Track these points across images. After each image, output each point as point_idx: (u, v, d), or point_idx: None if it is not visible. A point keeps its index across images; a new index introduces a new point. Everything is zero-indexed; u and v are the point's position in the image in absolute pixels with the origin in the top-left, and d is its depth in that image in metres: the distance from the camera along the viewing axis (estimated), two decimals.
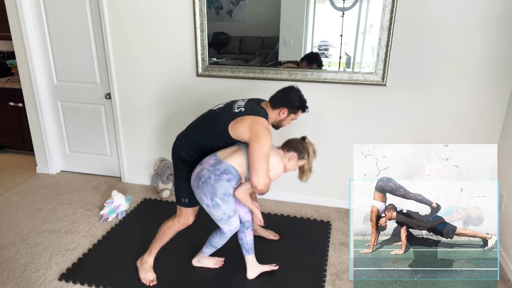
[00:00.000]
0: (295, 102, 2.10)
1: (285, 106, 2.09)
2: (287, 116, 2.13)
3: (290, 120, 2.16)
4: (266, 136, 1.92)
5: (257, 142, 1.91)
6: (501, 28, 2.45)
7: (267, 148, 1.92)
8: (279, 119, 2.14)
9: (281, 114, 2.11)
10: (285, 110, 2.10)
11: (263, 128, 1.95)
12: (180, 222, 2.20)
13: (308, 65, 2.84)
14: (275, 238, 2.69)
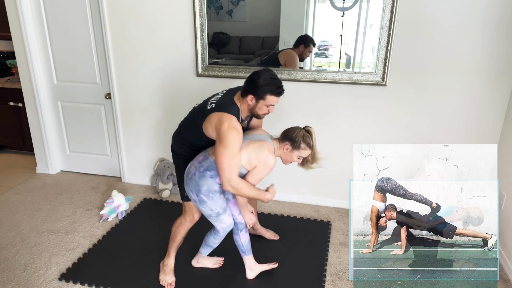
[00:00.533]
0: (262, 86, 1.90)
1: (250, 93, 1.94)
2: (257, 103, 1.95)
3: (265, 107, 1.97)
4: (230, 136, 1.86)
5: (221, 143, 1.88)
6: (501, 28, 2.45)
7: (232, 147, 1.87)
8: (251, 107, 1.98)
9: (250, 101, 1.96)
10: (251, 97, 1.94)
11: (227, 127, 1.87)
12: (186, 219, 2.21)
13: (305, 47, 2.82)
14: (275, 238, 2.69)
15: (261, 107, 1.97)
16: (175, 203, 3.17)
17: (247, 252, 2.27)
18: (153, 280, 2.28)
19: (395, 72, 2.70)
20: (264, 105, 1.96)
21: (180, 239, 2.26)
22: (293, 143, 2.02)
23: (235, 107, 1.98)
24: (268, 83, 1.91)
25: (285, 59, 2.89)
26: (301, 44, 2.81)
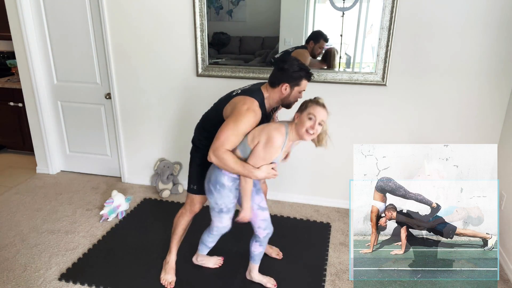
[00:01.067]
0: (294, 73, 1.91)
1: (284, 81, 1.93)
2: (291, 90, 1.95)
3: (298, 93, 1.98)
4: (245, 116, 1.83)
5: (232, 117, 1.85)
6: (501, 28, 2.45)
7: (241, 125, 1.82)
8: (284, 96, 1.97)
9: (284, 90, 1.94)
10: (286, 85, 1.93)
11: (247, 108, 1.86)
12: (187, 209, 2.21)
13: (315, 43, 2.80)
14: (278, 257, 2.52)
15: (295, 94, 1.97)
16: (175, 203, 3.17)
17: (255, 261, 2.24)
18: (153, 280, 2.28)
19: (395, 72, 2.70)
20: (298, 91, 1.97)
21: (181, 232, 2.26)
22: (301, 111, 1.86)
23: (260, 94, 1.97)
24: (300, 69, 1.93)
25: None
26: (311, 40, 2.79)
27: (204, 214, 2.33)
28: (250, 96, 1.93)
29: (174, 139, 3.31)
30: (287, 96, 1.97)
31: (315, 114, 1.82)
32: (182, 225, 2.25)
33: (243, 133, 1.86)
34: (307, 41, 2.80)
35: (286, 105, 2.04)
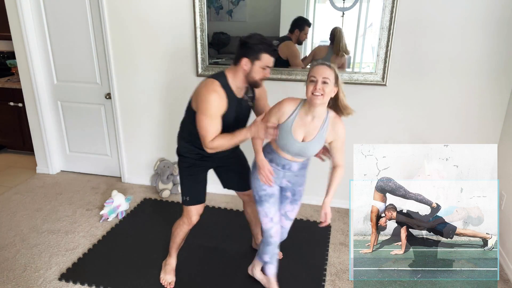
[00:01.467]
0: (253, 45, 1.85)
1: (243, 55, 1.88)
2: (252, 66, 1.87)
3: (261, 70, 1.89)
4: (208, 99, 1.83)
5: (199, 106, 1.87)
6: (501, 28, 2.45)
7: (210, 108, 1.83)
8: (246, 73, 1.90)
9: (244, 65, 1.88)
10: (245, 60, 1.87)
11: (206, 90, 1.85)
12: (184, 221, 2.19)
13: (300, 31, 2.78)
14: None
15: (257, 70, 1.89)
16: (175, 203, 3.17)
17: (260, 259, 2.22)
18: (153, 280, 2.28)
19: (395, 72, 2.70)
20: (260, 67, 1.88)
21: (180, 241, 2.25)
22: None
23: (222, 76, 1.93)
24: (261, 42, 1.86)
25: (285, 54, 2.87)
26: (295, 28, 2.79)
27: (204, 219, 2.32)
28: (210, 78, 1.92)
29: (174, 139, 3.28)
30: (249, 72, 1.89)
31: (314, 75, 1.72)
32: (180, 236, 2.23)
33: (217, 115, 1.86)
34: (291, 30, 2.79)
35: (253, 84, 1.96)
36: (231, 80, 1.94)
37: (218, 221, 2.90)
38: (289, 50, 2.86)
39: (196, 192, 2.17)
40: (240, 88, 1.98)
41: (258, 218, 2.36)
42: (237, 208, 3.12)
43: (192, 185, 2.14)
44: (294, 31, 2.79)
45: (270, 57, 1.89)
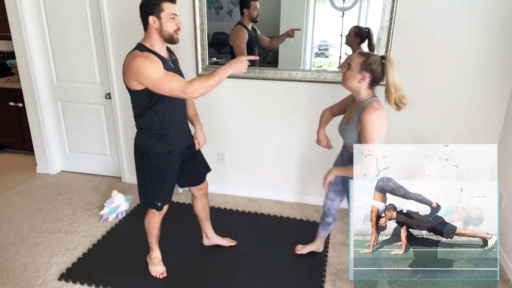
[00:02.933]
0: (150, 1, 1.86)
1: (147, 15, 1.88)
2: (160, 20, 1.87)
3: (170, 20, 1.88)
4: (137, 63, 1.79)
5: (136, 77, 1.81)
6: (501, 28, 2.45)
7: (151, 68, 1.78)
8: (160, 30, 1.89)
9: (153, 23, 1.88)
10: (152, 18, 1.87)
11: (131, 60, 1.81)
12: (155, 214, 2.19)
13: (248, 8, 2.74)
14: (233, 243, 2.60)
15: (166, 22, 1.88)
16: (175, 203, 3.17)
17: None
18: (153, 280, 2.28)
19: None
20: (167, 17, 1.87)
21: (157, 232, 2.27)
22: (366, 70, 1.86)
23: (140, 46, 1.93)
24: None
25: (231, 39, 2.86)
26: (243, 8, 2.75)
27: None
28: (128, 53, 1.90)
29: None
30: (160, 27, 1.88)
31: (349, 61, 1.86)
32: (156, 228, 2.25)
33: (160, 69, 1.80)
34: (241, 13, 2.78)
35: (169, 39, 1.94)
36: (149, 45, 1.92)
37: (218, 221, 2.90)
38: (232, 35, 2.82)
39: (169, 195, 2.17)
40: (161, 49, 1.96)
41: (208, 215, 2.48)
42: (236, 208, 3.12)
43: (164, 187, 2.11)
44: (243, 12, 2.76)
45: (170, 3, 1.88)
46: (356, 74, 1.82)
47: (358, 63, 1.81)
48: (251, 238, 2.66)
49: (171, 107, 2.00)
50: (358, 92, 1.88)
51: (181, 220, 2.90)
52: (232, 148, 3.20)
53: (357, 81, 1.83)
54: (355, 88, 1.87)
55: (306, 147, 3.06)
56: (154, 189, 2.09)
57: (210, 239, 2.57)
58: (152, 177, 2.07)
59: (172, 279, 2.29)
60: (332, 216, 2.37)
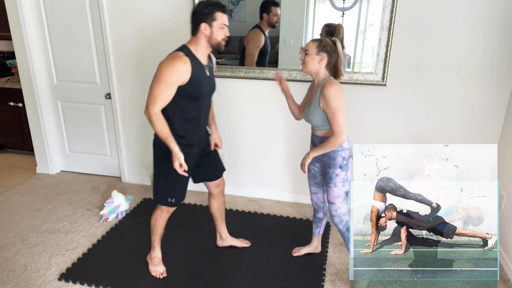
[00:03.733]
0: (204, 9, 1.94)
1: (199, 22, 1.95)
2: (211, 28, 1.96)
3: (220, 30, 1.99)
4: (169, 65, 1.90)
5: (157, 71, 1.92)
6: (501, 28, 2.45)
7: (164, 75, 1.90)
8: (209, 37, 1.98)
9: (204, 30, 1.96)
10: (203, 25, 1.95)
11: (168, 58, 1.93)
12: (164, 211, 2.21)
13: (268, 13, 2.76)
14: (247, 245, 2.61)
15: (217, 31, 1.98)
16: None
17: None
18: (153, 280, 2.28)
19: (395, 72, 2.70)
20: (219, 26, 1.98)
21: (162, 230, 2.28)
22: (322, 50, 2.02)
23: (184, 48, 2.01)
24: (210, 4, 1.97)
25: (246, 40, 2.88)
26: (263, 13, 2.77)
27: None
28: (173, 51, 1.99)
29: None
30: (210, 35, 1.98)
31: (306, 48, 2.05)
32: (162, 226, 2.26)
33: (171, 83, 1.91)
34: (260, 17, 2.79)
35: (216, 46, 2.03)
36: (194, 49, 2.00)
37: None
38: (247, 37, 2.83)
39: (183, 193, 2.20)
40: (204, 55, 2.05)
41: (223, 215, 2.49)
42: (236, 208, 3.12)
43: (179, 185, 2.15)
44: (263, 16, 2.78)
45: (223, 14, 1.99)
46: (315, 56, 2.00)
47: (315, 46, 2.00)
48: (251, 238, 2.66)
49: (197, 112, 2.08)
50: (317, 73, 2.05)
51: (182, 220, 2.90)
52: (232, 148, 3.20)
53: (316, 62, 2.01)
54: (315, 70, 2.03)
55: (306, 147, 3.06)
56: (168, 186, 2.13)
57: (224, 240, 2.57)
58: (169, 174, 2.09)
59: (172, 279, 2.29)
60: (321, 211, 2.37)
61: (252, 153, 3.18)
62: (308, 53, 2.02)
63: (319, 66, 2.02)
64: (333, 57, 2.02)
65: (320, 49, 1.99)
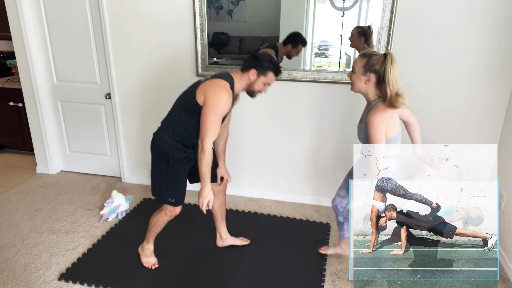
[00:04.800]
0: (264, 62, 2.05)
1: (253, 67, 2.06)
2: (257, 78, 2.07)
3: (263, 84, 2.09)
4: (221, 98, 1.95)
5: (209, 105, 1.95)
6: (501, 27, 2.45)
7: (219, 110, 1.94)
8: (250, 82, 2.08)
9: (251, 76, 2.06)
10: (253, 71, 2.05)
11: (220, 90, 1.97)
12: (167, 214, 2.25)
13: (293, 47, 2.78)
14: (246, 243, 2.62)
15: (260, 83, 2.08)
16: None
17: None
18: (153, 280, 2.28)
19: None
20: (263, 82, 2.08)
21: (159, 230, 2.34)
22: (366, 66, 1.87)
23: (230, 78, 2.08)
24: (271, 62, 2.07)
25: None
26: (289, 43, 2.78)
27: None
28: (221, 79, 2.04)
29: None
30: (252, 82, 2.08)
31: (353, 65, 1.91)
32: (161, 226, 2.32)
33: (222, 115, 1.99)
34: (285, 43, 2.79)
35: (250, 93, 2.15)
36: (236, 82, 2.09)
37: None
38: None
39: (183, 193, 2.24)
40: (238, 91, 2.15)
41: (224, 214, 2.51)
42: (236, 208, 3.12)
43: (179, 185, 2.19)
44: (287, 45, 2.78)
45: (274, 76, 2.10)
46: (361, 76, 1.86)
47: (361, 65, 1.84)
48: (251, 238, 2.65)
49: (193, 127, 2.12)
50: (366, 93, 1.93)
51: (182, 220, 2.90)
52: (231, 148, 3.20)
53: (363, 83, 1.87)
54: (363, 90, 1.91)
55: (306, 147, 3.06)
56: (168, 186, 2.18)
57: (224, 239, 2.58)
58: (169, 175, 2.15)
59: (172, 278, 2.29)
60: (341, 215, 2.35)
61: (252, 153, 3.18)
62: (355, 71, 1.87)
63: (366, 86, 1.88)
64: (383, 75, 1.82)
65: (367, 68, 1.83)
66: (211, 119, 1.95)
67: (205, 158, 1.99)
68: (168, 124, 2.15)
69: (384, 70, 1.81)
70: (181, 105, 2.11)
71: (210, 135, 1.97)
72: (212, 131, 1.97)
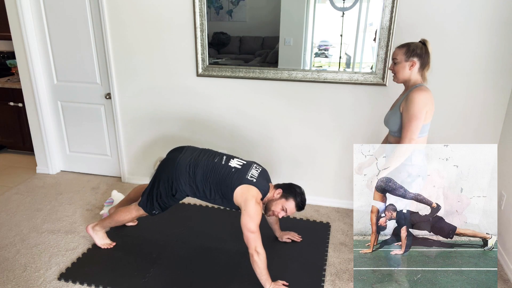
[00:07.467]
0: (294, 191, 2.20)
1: (281, 189, 2.22)
2: (279, 199, 2.20)
3: (280, 207, 2.20)
4: (257, 212, 2.07)
5: (250, 215, 2.06)
6: (501, 27, 2.45)
7: (257, 220, 2.05)
8: (272, 198, 2.22)
9: (276, 195, 2.21)
10: (279, 191, 2.21)
11: (256, 202, 2.09)
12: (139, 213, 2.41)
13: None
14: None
15: (278, 205, 2.21)
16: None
17: None
18: (153, 280, 2.28)
19: None
20: (282, 205, 2.20)
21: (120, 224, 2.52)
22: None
23: (267, 188, 2.23)
24: (300, 195, 2.22)
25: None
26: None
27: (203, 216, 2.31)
28: (258, 188, 2.16)
29: (174, 138, 3.31)
30: (272, 200, 2.22)
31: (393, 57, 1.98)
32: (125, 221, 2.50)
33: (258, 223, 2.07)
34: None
35: (266, 208, 2.26)
36: (268, 196, 2.24)
37: (217, 221, 2.90)
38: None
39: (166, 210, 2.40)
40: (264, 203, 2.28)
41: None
42: None
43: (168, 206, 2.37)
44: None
45: (294, 207, 2.21)
46: (404, 63, 1.92)
47: (403, 53, 1.92)
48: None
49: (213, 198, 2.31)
50: (409, 80, 1.97)
51: (182, 220, 2.90)
52: (231, 148, 3.20)
53: (407, 69, 1.93)
54: (406, 76, 1.96)
55: (306, 147, 3.07)
56: (160, 205, 2.34)
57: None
58: (167, 201, 2.32)
59: (172, 279, 2.29)
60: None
61: (253, 152, 3.18)
62: (397, 61, 1.93)
63: (410, 72, 1.94)
64: (425, 59, 1.91)
65: (410, 54, 1.91)
66: (255, 233, 2.06)
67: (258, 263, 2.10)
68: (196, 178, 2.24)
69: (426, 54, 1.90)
70: (215, 184, 2.21)
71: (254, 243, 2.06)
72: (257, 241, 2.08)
